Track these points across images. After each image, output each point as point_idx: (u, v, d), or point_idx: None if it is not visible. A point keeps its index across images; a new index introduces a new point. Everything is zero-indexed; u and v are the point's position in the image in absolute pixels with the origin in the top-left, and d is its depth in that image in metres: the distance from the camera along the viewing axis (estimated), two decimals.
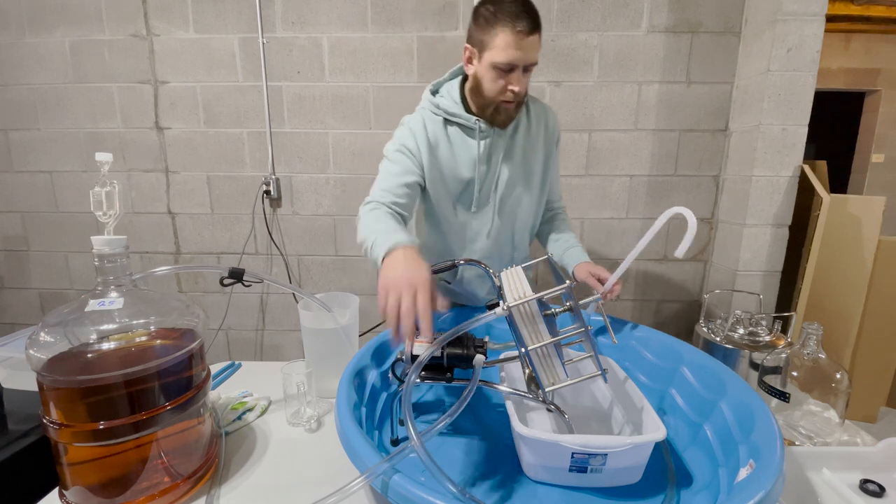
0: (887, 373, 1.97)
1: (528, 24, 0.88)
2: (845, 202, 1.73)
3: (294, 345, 2.23)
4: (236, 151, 2.02)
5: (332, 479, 0.65)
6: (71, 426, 0.53)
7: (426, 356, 0.59)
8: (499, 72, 0.93)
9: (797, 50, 1.61)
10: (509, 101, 0.97)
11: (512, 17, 0.88)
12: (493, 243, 1.11)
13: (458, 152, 1.04)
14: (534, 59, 0.93)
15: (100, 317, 0.56)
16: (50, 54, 1.97)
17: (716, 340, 1.33)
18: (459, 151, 1.04)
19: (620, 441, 0.55)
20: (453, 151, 1.04)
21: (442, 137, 1.04)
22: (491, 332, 1.02)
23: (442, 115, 1.04)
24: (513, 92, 0.94)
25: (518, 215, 1.12)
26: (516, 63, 0.91)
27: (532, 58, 0.92)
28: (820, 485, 0.62)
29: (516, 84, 0.93)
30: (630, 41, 1.86)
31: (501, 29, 0.89)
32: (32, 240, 2.17)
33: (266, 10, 1.88)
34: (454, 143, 1.04)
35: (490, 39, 0.91)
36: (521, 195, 1.10)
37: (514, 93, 0.94)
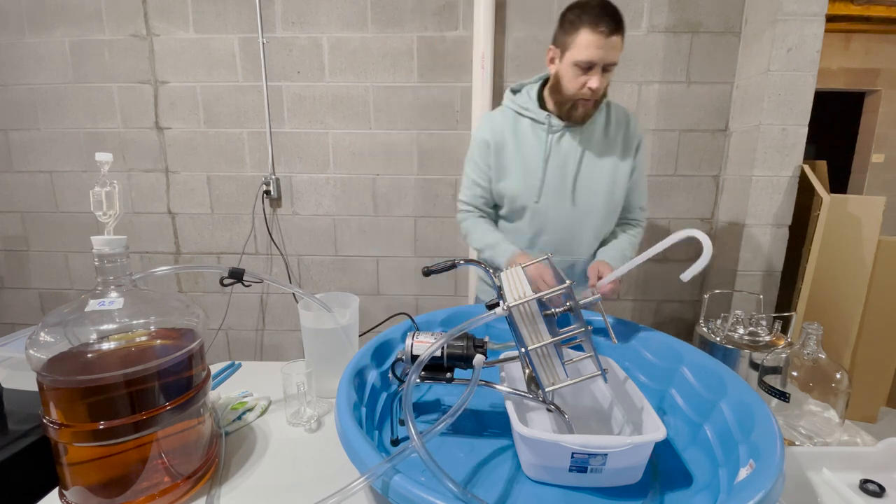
0: (887, 373, 1.97)
1: (609, 25, 0.94)
2: (845, 202, 1.73)
3: (294, 345, 2.23)
4: (236, 151, 2.02)
5: (332, 479, 0.65)
6: (71, 426, 0.53)
7: (427, 356, 0.59)
8: (579, 69, 0.98)
9: (797, 50, 1.61)
10: (587, 98, 1.01)
11: (595, 18, 0.94)
12: (557, 237, 1.14)
13: (527, 145, 1.11)
14: (613, 59, 0.97)
15: (100, 317, 0.56)
16: (50, 54, 1.97)
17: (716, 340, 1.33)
18: (528, 144, 1.10)
19: (620, 441, 0.55)
20: (521, 143, 1.11)
21: (510, 130, 1.11)
22: (491, 332, 1.02)
23: (515, 110, 1.12)
24: (590, 89, 0.99)
25: (585, 213, 1.12)
26: (596, 61, 0.96)
27: (612, 57, 0.97)
28: (820, 485, 0.62)
29: (595, 82, 0.98)
30: (630, 41, 1.85)
31: (584, 29, 0.95)
32: (32, 240, 2.17)
33: (266, 10, 1.89)
34: (524, 136, 1.11)
35: (573, 40, 0.97)
36: (589, 194, 1.11)
37: (591, 90, 0.99)
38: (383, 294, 2.15)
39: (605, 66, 0.98)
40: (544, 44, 1.85)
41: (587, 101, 1.02)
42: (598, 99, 1.04)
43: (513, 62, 1.89)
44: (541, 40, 1.86)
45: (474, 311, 1.00)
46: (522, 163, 1.11)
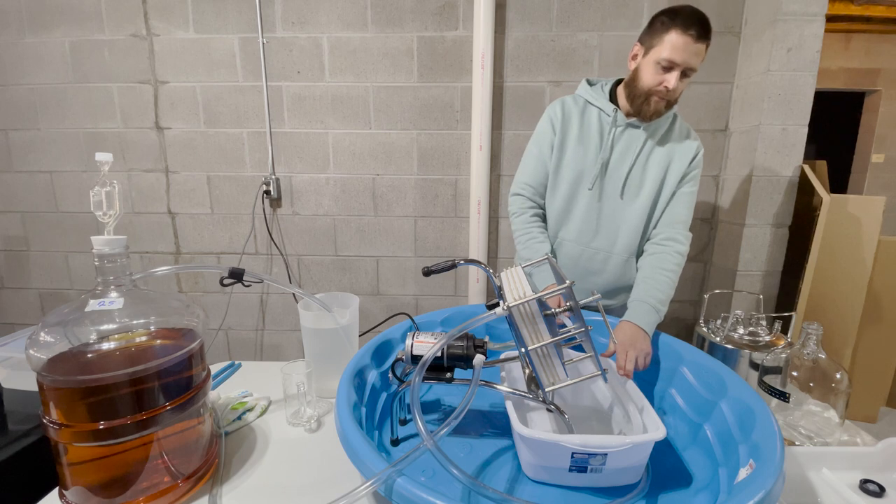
0: (887, 373, 1.97)
1: (698, 30, 0.98)
2: (845, 202, 1.73)
3: (294, 345, 2.23)
4: (236, 151, 2.02)
5: (333, 479, 0.65)
6: (71, 426, 0.53)
7: (429, 356, 0.59)
8: (660, 67, 1.02)
9: (797, 50, 1.61)
10: (661, 97, 1.04)
11: (686, 21, 0.98)
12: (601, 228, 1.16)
13: (590, 132, 1.14)
14: (694, 64, 1.00)
15: (100, 317, 0.56)
16: (50, 54, 1.97)
17: (716, 340, 1.33)
18: (592, 132, 1.14)
19: (620, 441, 0.55)
20: (585, 130, 1.15)
21: (577, 116, 1.16)
22: (491, 332, 1.02)
23: (587, 98, 1.16)
24: (667, 88, 1.02)
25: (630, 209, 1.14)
26: (679, 62, 0.99)
27: (693, 62, 1.00)
28: (820, 485, 0.62)
29: (673, 81, 1.01)
30: (630, 41, 1.85)
31: (675, 30, 0.99)
32: (32, 240, 2.17)
33: (266, 10, 1.88)
34: (589, 124, 1.15)
35: (661, 39, 1.01)
36: (638, 191, 1.13)
37: (667, 89, 1.02)
38: (383, 294, 2.15)
39: (686, 70, 1.01)
40: (544, 43, 1.86)
41: (661, 99, 1.05)
42: (670, 100, 1.06)
43: (513, 62, 1.89)
44: (541, 40, 1.87)
45: (474, 311, 1.01)
46: (583, 149, 1.14)
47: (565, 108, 1.17)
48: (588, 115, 1.16)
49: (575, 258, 1.18)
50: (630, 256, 1.17)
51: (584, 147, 1.14)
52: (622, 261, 1.16)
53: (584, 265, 1.18)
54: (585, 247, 1.18)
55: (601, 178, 1.14)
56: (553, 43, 1.86)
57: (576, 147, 1.15)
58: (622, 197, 1.14)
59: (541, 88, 1.90)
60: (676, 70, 1.00)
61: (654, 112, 1.07)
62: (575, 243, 1.18)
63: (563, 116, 1.16)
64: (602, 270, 1.18)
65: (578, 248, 1.18)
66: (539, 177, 1.19)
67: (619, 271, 1.17)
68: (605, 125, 1.13)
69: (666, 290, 1.02)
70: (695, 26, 0.98)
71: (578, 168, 1.15)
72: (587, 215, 1.16)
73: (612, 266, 1.17)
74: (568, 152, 1.16)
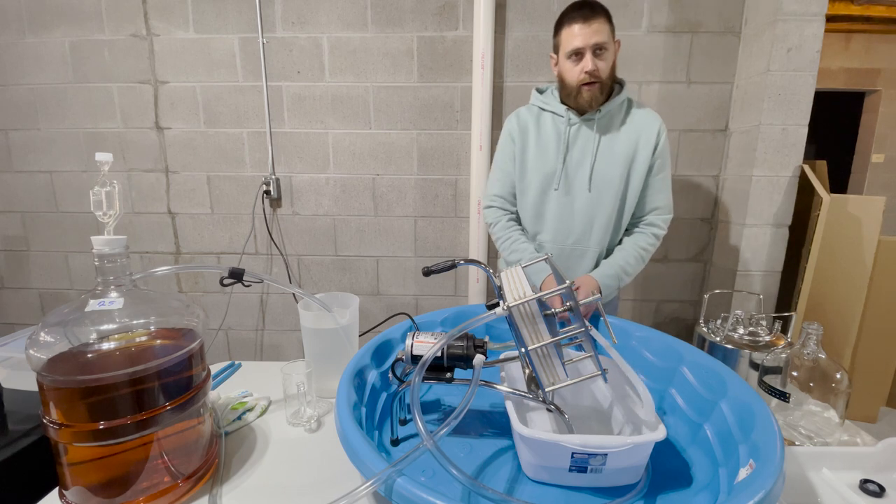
0: (887, 373, 1.97)
1: (584, 12, 1.05)
2: (845, 202, 1.73)
3: (294, 345, 2.23)
4: (236, 151, 2.02)
5: (333, 480, 0.65)
6: (71, 426, 0.53)
7: (429, 356, 0.59)
8: (572, 60, 1.09)
9: (797, 50, 1.61)
10: (588, 83, 1.10)
11: (572, 11, 1.08)
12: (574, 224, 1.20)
13: (547, 136, 1.19)
14: (597, 40, 1.05)
15: (100, 317, 0.56)
16: (50, 54, 1.97)
17: (716, 340, 1.33)
18: (549, 135, 1.19)
19: (620, 441, 0.55)
20: (542, 135, 1.20)
21: (533, 124, 1.21)
22: (491, 332, 1.02)
23: (539, 106, 1.22)
24: (587, 72, 1.08)
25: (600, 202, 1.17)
26: (582, 45, 1.06)
27: (595, 39, 1.05)
28: (820, 485, 0.62)
29: (588, 64, 1.07)
30: (630, 41, 1.85)
31: (565, 24, 1.08)
32: (32, 240, 2.17)
33: (266, 10, 1.88)
34: (545, 129, 1.20)
35: (560, 38, 1.11)
36: (604, 182, 1.16)
37: (587, 72, 1.08)
38: (383, 294, 2.15)
39: (595, 49, 1.06)
40: (544, 43, 1.86)
41: (589, 84, 1.09)
42: (602, 83, 1.10)
43: (513, 62, 1.89)
44: (541, 40, 1.86)
45: (474, 311, 1.01)
46: (543, 153, 1.19)
47: (520, 118, 1.23)
48: (543, 121, 1.21)
49: (554, 257, 1.21)
50: (604, 250, 1.21)
51: (544, 151, 1.19)
52: (598, 255, 1.20)
53: (563, 263, 1.22)
54: (563, 245, 1.21)
55: (565, 177, 1.18)
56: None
57: (537, 152, 1.19)
58: (590, 191, 1.17)
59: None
60: (586, 54, 1.07)
61: (591, 99, 1.12)
62: (552, 244, 1.22)
63: (519, 127, 1.22)
64: (579, 266, 1.22)
65: (556, 247, 1.22)
66: (507, 186, 1.25)
67: (595, 265, 1.21)
68: (561, 126, 1.18)
69: (634, 263, 1.16)
70: (579, 11, 1.06)
71: (543, 171, 1.19)
72: (560, 215, 1.20)
73: (588, 260, 1.21)
74: (530, 159, 1.20)
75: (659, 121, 1.17)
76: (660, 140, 1.16)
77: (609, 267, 1.15)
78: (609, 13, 1.09)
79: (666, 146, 1.18)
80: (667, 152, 1.18)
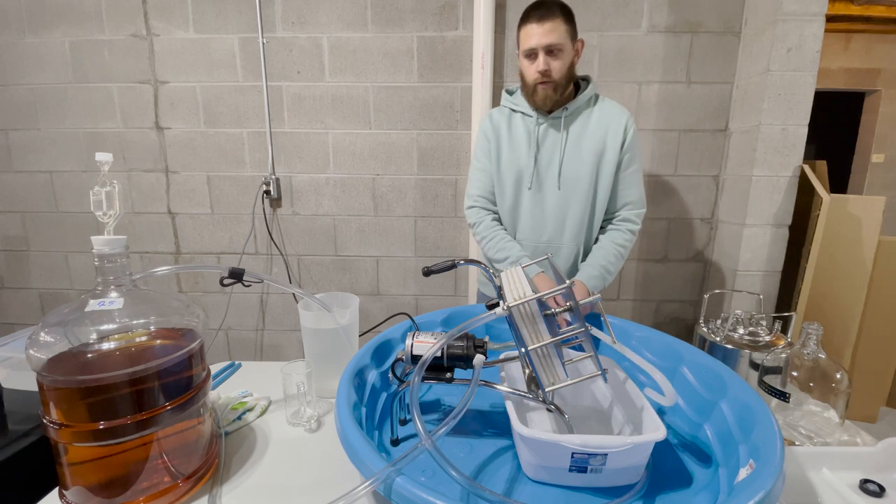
0: (887, 373, 1.97)
1: (538, 13, 1.07)
2: (845, 202, 1.73)
3: (294, 345, 2.23)
4: (236, 151, 2.02)
5: (333, 480, 0.65)
6: (71, 426, 0.53)
7: (429, 356, 0.59)
8: (528, 60, 1.12)
9: (797, 50, 1.61)
10: (542, 82, 1.12)
11: (527, 13, 1.10)
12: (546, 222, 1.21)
13: (518, 136, 1.21)
14: (549, 41, 1.07)
15: (100, 317, 0.56)
16: (50, 54, 1.97)
17: (716, 340, 1.33)
18: (519, 136, 1.21)
19: (620, 441, 0.55)
20: (513, 136, 1.22)
21: (504, 123, 1.24)
22: (491, 332, 1.02)
23: (509, 107, 1.25)
24: (539, 72, 1.10)
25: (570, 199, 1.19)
26: (534, 46, 1.09)
27: (548, 39, 1.07)
28: (820, 485, 0.62)
29: (540, 64, 1.09)
30: (630, 41, 1.86)
31: (521, 26, 1.12)
32: (32, 240, 2.17)
33: (266, 10, 1.88)
34: (516, 129, 1.22)
35: (518, 37, 1.14)
36: (574, 179, 1.18)
37: (539, 72, 1.10)
38: (383, 294, 2.15)
39: (547, 49, 1.08)
40: None
41: (543, 84, 1.12)
42: (555, 83, 1.12)
43: (513, 62, 1.89)
44: None
45: (474, 311, 1.01)
46: (516, 152, 1.21)
47: (493, 120, 1.25)
48: (514, 121, 1.23)
49: (530, 255, 1.23)
50: (578, 247, 1.22)
51: (516, 150, 1.21)
52: (571, 252, 1.22)
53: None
54: (537, 243, 1.23)
55: (537, 175, 1.20)
56: None
57: (509, 152, 1.22)
58: (560, 189, 1.19)
59: None
60: (539, 54, 1.09)
61: (545, 98, 1.14)
62: (527, 242, 1.24)
63: (493, 127, 1.24)
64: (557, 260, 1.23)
65: (531, 245, 1.24)
66: (487, 186, 1.27)
67: (569, 259, 1.23)
68: (531, 125, 1.20)
69: (615, 261, 1.17)
70: (533, 12, 1.08)
71: (515, 170, 1.21)
72: (533, 213, 1.22)
73: (562, 257, 1.23)
74: (504, 158, 1.22)
75: (626, 115, 1.18)
76: (627, 135, 1.17)
77: (592, 268, 1.16)
78: (569, 13, 1.10)
79: (634, 140, 1.18)
80: (636, 146, 1.19)
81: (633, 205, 1.22)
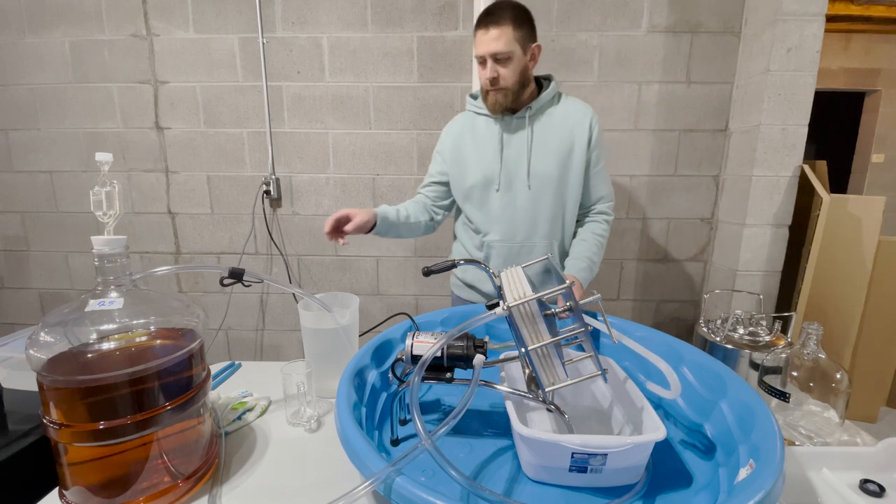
0: (887, 373, 1.97)
1: (486, 20, 1.07)
2: (845, 202, 1.73)
3: (294, 345, 2.23)
4: (236, 151, 2.02)
5: (333, 480, 0.65)
6: (71, 426, 0.53)
7: (429, 356, 0.59)
8: (480, 66, 1.12)
9: (797, 50, 1.61)
10: (491, 88, 1.13)
11: (479, 19, 1.09)
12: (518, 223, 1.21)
13: (483, 139, 1.22)
14: (495, 49, 1.07)
15: (100, 317, 0.56)
16: (50, 54, 1.97)
17: (716, 340, 1.33)
18: (484, 139, 1.21)
19: (620, 441, 0.55)
20: (478, 139, 1.22)
21: (469, 127, 1.25)
22: (491, 332, 1.02)
23: (473, 111, 1.26)
24: (487, 79, 1.11)
25: (540, 198, 1.19)
26: (482, 54, 1.09)
27: (494, 48, 1.07)
28: (820, 485, 0.62)
29: (487, 72, 1.10)
30: (630, 41, 1.86)
31: (475, 31, 1.11)
32: (32, 240, 2.17)
33: (266, 10, 1.89)
34: (480, 133, 1.23)
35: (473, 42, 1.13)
36: (542, 178, 1.18)
37: (488, 80, 1.11)
38: (383, 294, 2.15)
39: (494, 57, 1.08)
40: (544, 44, 1.86)
41: (493, 90, 1.13)
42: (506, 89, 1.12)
43: None
44: (541, 40, 1.86)
45: (474, 311, 1.01)
46: (481, 156, 1.21)
47: (453, 127, 1.27)
48: (477, 125, 1.23)
49: (505, 256, 1.23)
50: (552, 242, 1.23)
51: (482, 154, 1.21)
52: (546, 250, 1.22)
53: (514, 260, 1.22)
54: (511, 244, 1.23)
55: (505, 176, 1.19)
56: (553, 43, 1.86)
57: (475, 156, 1.22)
58: (530, 188, 1.19)
59: None
60: (488, 61, 1.09)
61: (495, 103, 1.15)
62: (501, 243, 1.23)
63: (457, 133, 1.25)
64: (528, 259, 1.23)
65: (506, 246, 1.23)
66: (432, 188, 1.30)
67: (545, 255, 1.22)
68: (495, 127, 1.20)
69: (597, 251, 1.20)
70: (483, 20, 1.08)
71: (482, 174, 1.21)
72: (504, 214, 1.21)
73: (537, 253, 1.22)
74: (470, 163, 1.22)
75: (590, 112, 1.20)
76: (593, 133, 1.18)
77: (579, 260, 1.17)
78: (521, 18, 1.08)
79: (600, 137, 1.20)
80: (601, 143, 1.21)
81: (605, 198, 1.25)
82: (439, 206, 1.32)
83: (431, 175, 1.31)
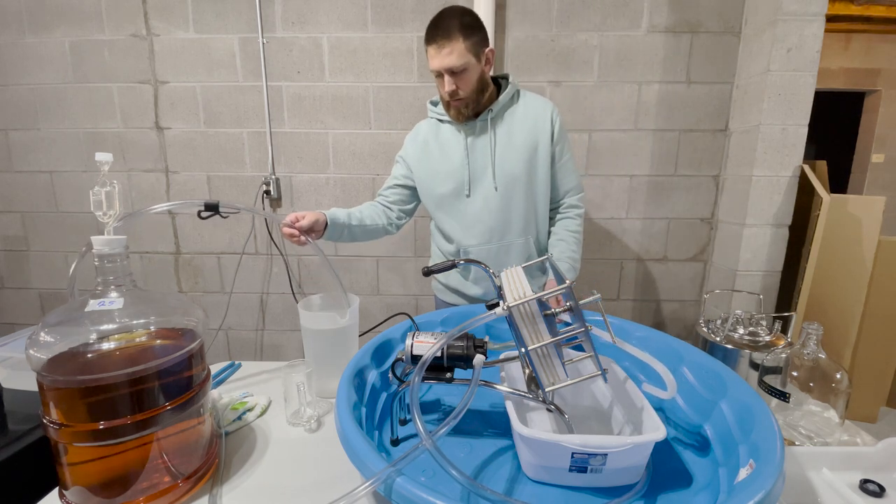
0: (887, 373, 1.97)
1: (435, 36, 1.06)
2: (845, 202, 1.73)
3: (294, 345, 2.23)
4: (236, 151, 2.02)
5: (333, 480, 0.65)
6: (71, 426, 0.53)
7: (429, 356, 0.59)
8: (437, 79, 1.12)
9: (797, 50, 1.61)
10: (451, 100, 1.13)
11: (426, 34, 1.09)
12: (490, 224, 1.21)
13: (449, 146, 1.21)
14: (448, 65, 1.06)
15: (100, 317, 0.56)
16: (50, 54, 1.97)
17: (716, 340, 1.33)
18: (450, 145, 1.21)
19: (620, 441, 0.55)
20: (444, 146, 1.22)
21: (433, 135, 1.24)
22: (491, 332, 1.02)
23: (436, 118, 1.25)
24: (447, 93, 1.11)
25: (509, 198, 1.19)
26: (436, 69, 1.08)
27: (446, 63, 1.06)
28: (820, 485, 0.62)
29: (445, 86, 1.10)
30: (630, 41, 1.86)
31: (426, 47, 1.10)
32: (32, 240, 2.17)
33: (266, 10, 1.88)
34: (445, 139, 1.22)
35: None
36: (509, 179, 1.18)
37: (447, 93, 1.11)
38: (383, 294, 2.15)
39: (451, 71, 1.07)
40: (544, 43, 1.86)
41: (453, 102, 1.13)
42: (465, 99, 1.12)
43: (513, 62, 1.89)
44: (541, 40, 1.87)
45: (474, 311, 1.01)
46: (448, 162, 1.21)
47: (418, 137, 1.27)
48: (442, 132, 1.23)
49: (483, 258, 1.22)
50: (529, 242, 1.23)
51: (448, 160, 1.21)
52: (523, 248, 1.22)
53: (492, 262, 1.23)
54: (488, 247, 1.23)
55: (473, 181, 1.19)
56: (553, 43, 1.86)
57: (441, 163, 1.21)
58: (497, 189, 1.19)
59: (541, 88, 1.90)
60: (445, 75, 1.08)
61: (456, 114, 1.16)
62: (478, 247, 1.23)
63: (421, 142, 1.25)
64: (507, 262, 1.23)
65: (484, 249, 1.23)
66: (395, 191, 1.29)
67: (523, 252, 1.23)
68: (458, 134, 1.20)
69: (577, 248, 1.21)
70: (430, 35, 1.07)
71: (452, 182, 1.21)
72: (477, 218, 1.21)
73: (514, 255, 1.23)
74: (439, 172, 1.22)
75: (550, 107, 1.20)
76: (555, 127, 1.19)
77: (561, 262, 1.17)
78: (469, 27, 1.06)
79: (562, 130, 1.20)
80: (565, 136, 1.21)
81: (573, 190, 1.25)
82: (403, 210, 1.31)
83: (396, 178, 1.29)
